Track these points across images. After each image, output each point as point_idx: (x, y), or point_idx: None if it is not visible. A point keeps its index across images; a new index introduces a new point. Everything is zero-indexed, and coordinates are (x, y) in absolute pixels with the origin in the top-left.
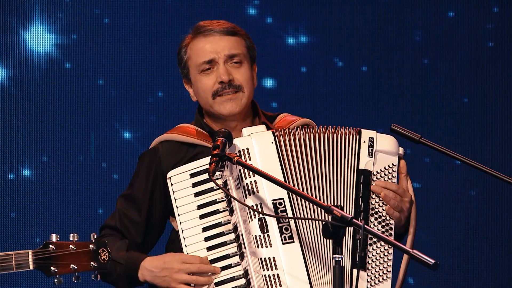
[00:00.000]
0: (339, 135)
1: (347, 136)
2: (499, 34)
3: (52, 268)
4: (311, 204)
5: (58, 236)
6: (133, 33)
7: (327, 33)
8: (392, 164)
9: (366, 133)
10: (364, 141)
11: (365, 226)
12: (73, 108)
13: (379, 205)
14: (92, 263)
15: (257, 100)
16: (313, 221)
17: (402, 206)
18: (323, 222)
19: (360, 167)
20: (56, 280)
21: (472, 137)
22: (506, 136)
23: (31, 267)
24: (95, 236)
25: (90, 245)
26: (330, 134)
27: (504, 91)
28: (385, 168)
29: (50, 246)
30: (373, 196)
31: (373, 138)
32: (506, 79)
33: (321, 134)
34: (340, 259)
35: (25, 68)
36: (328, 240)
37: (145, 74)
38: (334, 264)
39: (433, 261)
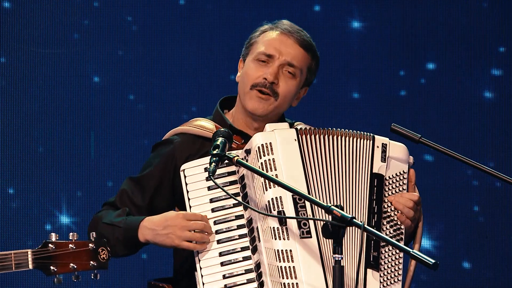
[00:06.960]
0: (355, 138)
1: (362, 140)
2: None
3: (51, 267)
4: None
5: (57, 235)
6: (165, 40)
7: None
8: (403, 171)
9: (379, 139)
10: (378, 147)
11: (365, 226)
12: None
13: (391, 209)
14: (91, 262)
15: None
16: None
17: (416, 215)
18: (323, 222)
19: (373, 171)
20: (55, 279)
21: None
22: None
23: (30, 266)
24: (94, 235)
25: (90, 244)
26: (346, 137)
27: None
28: (396, 174)
29: (50, 245)
30: (386, 200)
31: (386, 144)
32: None
33: (339, 136)
34: (340, 259)
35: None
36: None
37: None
38: (334, 264)
39: (433, 261)
